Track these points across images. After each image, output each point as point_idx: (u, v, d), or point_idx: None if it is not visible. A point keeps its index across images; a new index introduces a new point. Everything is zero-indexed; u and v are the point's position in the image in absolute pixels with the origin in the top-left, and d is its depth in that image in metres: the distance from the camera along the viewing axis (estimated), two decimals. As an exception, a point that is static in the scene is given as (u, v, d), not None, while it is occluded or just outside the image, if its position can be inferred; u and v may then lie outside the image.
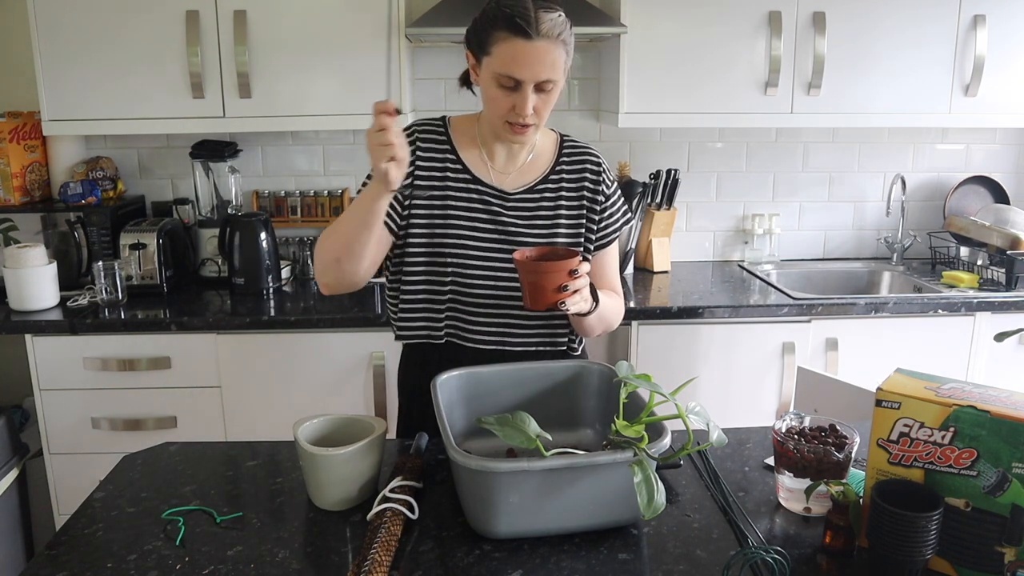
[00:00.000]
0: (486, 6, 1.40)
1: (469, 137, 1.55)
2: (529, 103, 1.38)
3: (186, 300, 2.55)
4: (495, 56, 1.37)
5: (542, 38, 1.34)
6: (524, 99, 1.38)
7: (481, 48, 1.40)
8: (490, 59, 1.39)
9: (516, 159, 1.55)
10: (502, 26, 1.35)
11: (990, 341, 2.52)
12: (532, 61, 1.35)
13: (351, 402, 2.41)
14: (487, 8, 1.40)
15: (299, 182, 2.94)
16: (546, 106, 1.42)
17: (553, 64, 1.37)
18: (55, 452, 2.42)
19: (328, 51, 2.50)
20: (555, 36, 1.36)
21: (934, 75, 2.65)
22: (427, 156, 1.52)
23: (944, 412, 1.01)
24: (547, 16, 1.35)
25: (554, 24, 1.36)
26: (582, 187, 1.56)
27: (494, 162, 1.54)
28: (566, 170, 1.56)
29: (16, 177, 2.61)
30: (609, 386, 1.34)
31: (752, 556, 1.06)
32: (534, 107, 1.39)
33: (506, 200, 1.52)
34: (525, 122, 1.41)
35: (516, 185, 1.54)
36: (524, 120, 1.40)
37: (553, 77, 1.38)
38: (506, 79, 1.37)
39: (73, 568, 1.07)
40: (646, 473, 1.04)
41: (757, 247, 3.08)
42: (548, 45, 1.35)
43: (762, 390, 2.54)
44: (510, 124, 1.42)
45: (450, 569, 1.07)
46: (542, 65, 1.35)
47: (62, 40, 2.45)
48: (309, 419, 1.27)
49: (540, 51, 1.34)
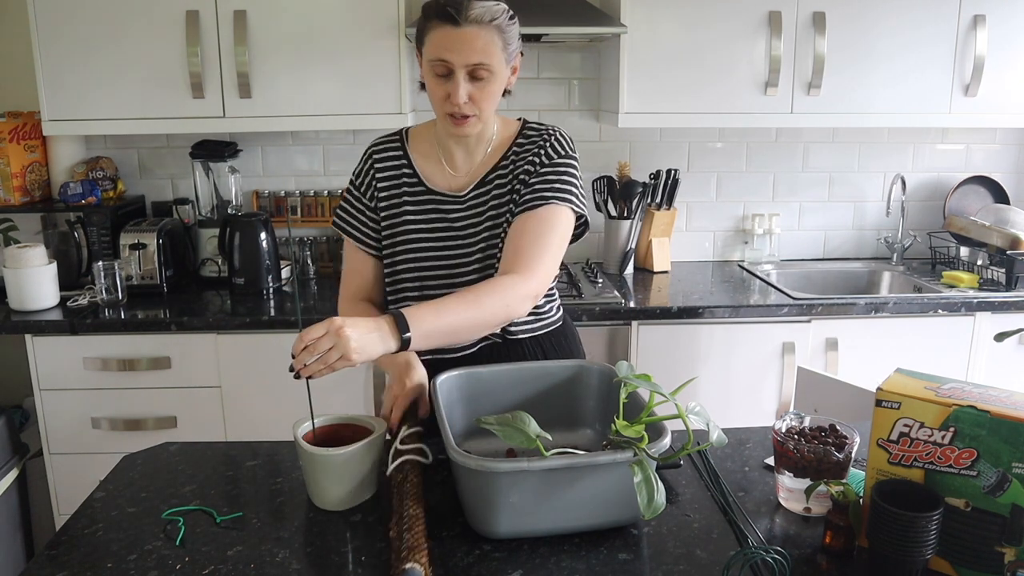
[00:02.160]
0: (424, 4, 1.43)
1: (428, 143, 1.55)
2: (461, 89, 1.38)
3: (186, 300, 2.55)
4: (428, 45, 1.40)
5: (471, 23, 1.36)
6: (456, 85, 1.38)
7: (420, 42, 1.44)
8: (425, 49, 1.41)
9: (474, 156, 1.53)
10: (433, 15, 1.39)
11: (990, 341, 2.52)
12: (460, 45, 1.36)
13: (351, 402, 2.42)
14: (425, 4, 1.42)
15: (299, 182, 2.94)
16: (484, 95, 1.41)
17: (484, 49, 1.37)
18: (55, 452, 2.42)
19: (328, 51, 2.50)
20: (486, 21, 1.37)
21: (934, 75, 2.65)
22: (384, 176, 1.55)
23: (944, 412, 1.01)
24: (479, 3, 1.37)
25: (485, 11, 1.37)
26: (529, 162, 1.50)
27: (453, 163, 1.53)
28: (518, 152, 1.51)
29: (16, 177, 2.61)
30: (609, 386, 1.34)
31: (752, 556, 1.06)
32: (470, 96, 1.40)
33: (461, 203, 1.51)
34: (462, 111, 1.41)
35: (469, 184, 1.52)
36: (460, 109, 1.40)
37: (484, 61, 1.38)
38: (438, 64, 1.39)
39: (73, 568, 1.07)
40: (646, 473, 1.04)
41: (757, 247, 3.08)
42: (478, 30, 1.36)
43: (762, 390, 2.54)
44: (451, 117, 1.42)
45: (450, 569, 1.07)
46: (472, 49, 1.36)
47: (62, 40, 2.45)
48: (309, 419, 1.27)
49: (469, 35, 1.36)
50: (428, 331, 1.26)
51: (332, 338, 1.15)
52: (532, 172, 1.48)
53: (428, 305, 1.30)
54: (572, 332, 1.69)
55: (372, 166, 1.55)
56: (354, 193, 1.58)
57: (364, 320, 1.21)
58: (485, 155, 1.53)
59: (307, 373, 1.16)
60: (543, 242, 1.42)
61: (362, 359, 1.18)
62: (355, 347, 1.16)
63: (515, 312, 1.38)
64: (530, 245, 1.41)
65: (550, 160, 1.49)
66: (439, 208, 1.52)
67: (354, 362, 1.16)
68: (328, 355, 1.15)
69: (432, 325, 1.27)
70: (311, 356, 1.15)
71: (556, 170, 1.48)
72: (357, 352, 1.16)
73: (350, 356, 1.15)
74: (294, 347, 1.17)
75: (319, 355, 1.15)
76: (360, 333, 1.17)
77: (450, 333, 1.32)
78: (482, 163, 1.52)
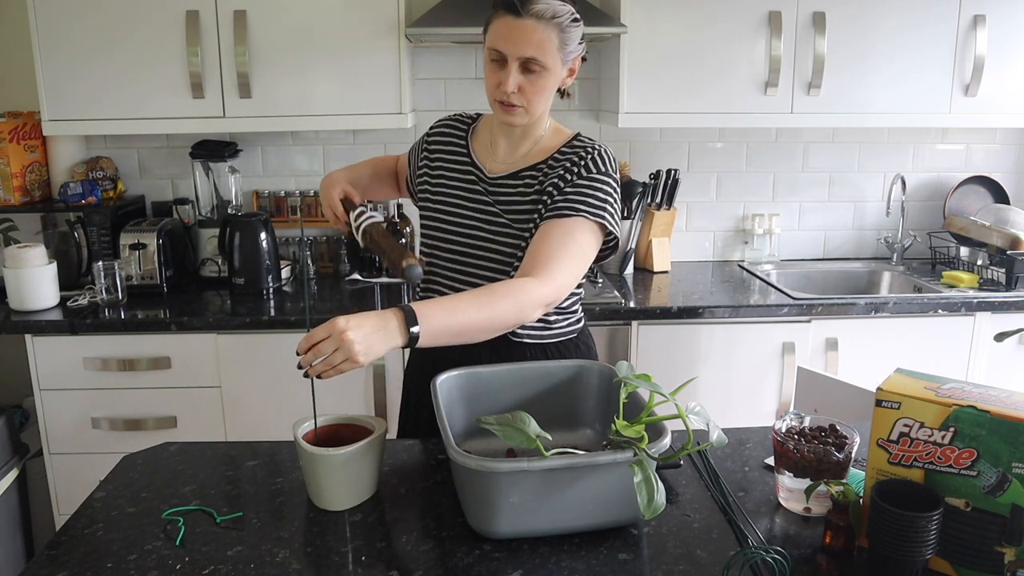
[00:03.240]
0: None
1: (486, 130, 1.61)
2: (512, 79, 1.41)
3: (186, 300, 2.55)
4: (489, 33, 1.45)
5: (531, 16, 1.39)
6: (507, 74, 1.42)
7: (485, 31, 1.47)
8: (487, 37, 1.46)
9: (517, 148, 1.55)
10: (500, 4, 1.42)
11: (990, 341, 2.52)
12: (517, 37, 1.40)
13: (351, 402, 2.42)
14: None
15: (299, 182, 2.94)
16: (534, 89, 1.43)
17: (539, 44, 1.40)
18: (55, 452, 2.42)
19: (328, 51, 2.50)
20: (546, 17, 1.39)
21: (934, 75, 2.65)
22: (441, 148, 1.64)
23: (944, 412, 1.01)
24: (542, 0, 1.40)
25: (548, 7, 1.40)
26: (564, 170, 1.48)
27: (496, 150, 1.57)
28: (558, 159, 1.51)
29: (16, 177, 2.61)
30: (609, 386, 1.34)
31: (752, 556, 1.06)
32: (520, 87, 1.43)
33: (488, 183, 1.54)
34: (510, 101, 1.44)
35: (504, 172, 1.54)
36: (508, 98, 1.43)
37: (538, 56, 1.40)
38: (495, 52, 1.43)
39: (73, 568, 1.07)
40: (646, 473, 1.04)
41: (757, 247, 3.08)
42: (536, 24, 1.39)
43: (762, 390, 2.54)
44: (500, 104, 1.46)
45: (450, 569, 1.07)
46: (527, 42, 1.39)
47: (62, 40, 2.45)
48: (309, 419, 1.27)
49: (526, 28, 1.39)
50: (437, 329, 1.23)
51: (335, 342, 1.14)
52: (568, 180, 1.47)
53: (439, 302, 1.28)
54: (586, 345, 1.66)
55: (437, 129, 1.67)
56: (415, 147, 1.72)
57: (369, 318, 1.18)
58: (528, 152, 1.54)
59: (314, 374, 1.17)
60: (564, 252, 1.40)
61: (369, 360, 1.17)
62: (360, 350, 1.15)
63: (527, 316, 1.35)
64: (551, 252, 1.39)
65: (588, 173, 1.47)
66: (471, 180, 1.57)
67: (361, 364, 1.16)
68: (332, 358, 1.15)
69: (442, 323, 1.24)
70: (315, 358, 1.16)
71: (592, 184, 1.47)
72: (363, 354, 1.15)
73: (356, 359, 1.15)
74: (299, 346, 1.17)
75: (323, 357, 1.15)
76: (364, 334, 1.16)
77: (459, 333, 1.28)
78: (522, 157, 1.55)
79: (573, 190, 1.46)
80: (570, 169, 1.48)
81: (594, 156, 1.49)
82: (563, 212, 1.44)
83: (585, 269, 1.46)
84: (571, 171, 1.48)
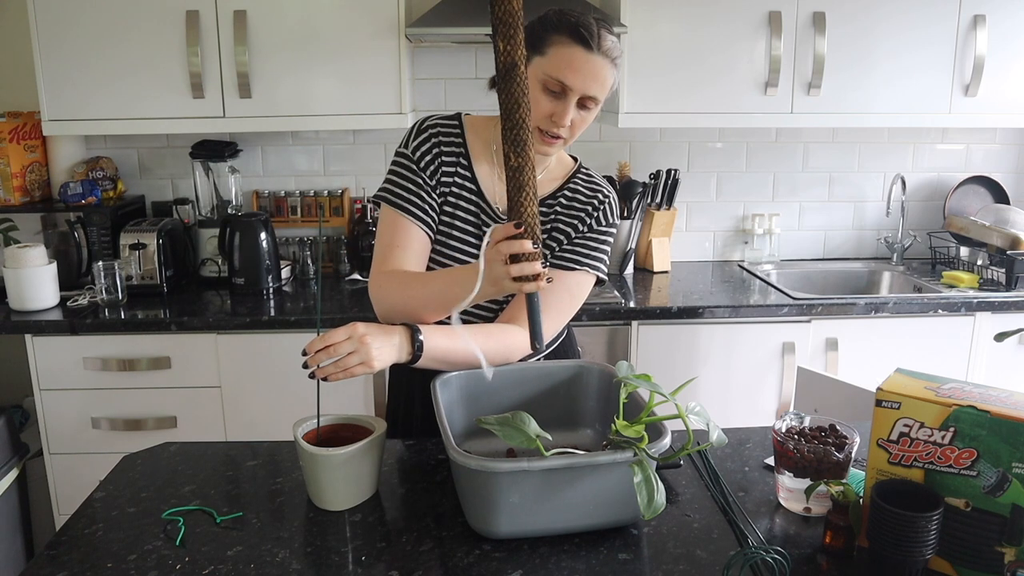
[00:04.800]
0: (547, 12, 1.38)
1: (483, 142, 1.50)
2: (569, 113, 1.35)
3: (186, 300, 2.55)
4: (549, 58, 1.34)
5: (601, 54, 1.34)
6: (566, 108, 1.35)
7: (534, 47, 1.35)
8: (543, 60, 1.34)
9: None
10: (565, 31, 1.34)
11: (990, 341, 2.52)
12: (587, 73, 1.33)
13: (351, 402, 2.42)
14: (549, 13, 1.37)
15: (299, 182, 2.94)
16: (582, 124, 1.39)
17: (603, 83, 1.36)
18: (55, 452, 2.42)
19: (328, 51, 2.50)
20: (612, 57, 1.36)
21: (934, 75, 2.65)
22: (448, 161, 1.47)
23: (944, 412, 1.01)
24: (609, 36, 1.36)
25: (614, 45, 1.36)
26: (579, 218, 1.49)
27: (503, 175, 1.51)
28: (568, 197, 1.50)
29: (16, 177, 2.61)
30: (609, 386, 1.34)
31: (752, 556, 1.06)
32: (572, 120, 1.37)
33: (497, 221, 1.47)
34: (558, 133, 1.37)
35: None
36: (558, 131, 1.37)
37: (599, 96, 1.36)
38: (554, 83, 1.34)
39: (73, 568, 1.07)
40: (646, 473, 1.04)
41: (757, 247, 3.08)
42: (604, 62, 1.34)
43: (762, 390, 2.54)
44: (541, 132, 1.37)
45: (450, 569, 1.07)
46: (595, 80, 1.34)
47: (62, 40, 2.45)
48: (309, 419, 1.27)
49: (597, 65, 1.34)
50: (436, 352, 1.32)
51: (354, 343, 1.20)
52: (579, 231, 1.48)
53: (441, 329, 1.34)
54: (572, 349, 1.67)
55: (439, 145, 1.47)
56: (411, 168, 1.46)
57: (383, 329, 1.26)
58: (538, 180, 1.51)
59: (322, 374, 1.19)
60: (558, 307, 1.46)
61: (381, 367, 1.23)
62: (376, 355, 1.21)
63: (511, 360, 1.41)
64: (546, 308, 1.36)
65: (598, 225, 1.49)
66: (480, 219, 1.48)
67: (375, 369, 1.21)
68: (347, 360, 1.19)
69: (442, 348, 1.32)
70: (328, 358, 1.19)
71: (599, 237, 1.50)
72: (378, 360, 1.22)
73: (371, 364, 1.21)
74: (310, 345, 1.19)
75: (337, 358, 1.19)
76: (380, 343, 1.23)
77: (446, 361, 1.35)
78: None
79: (582, 242, 1.49)
80: (583, 219, 1.49)
81: (607, 206, 1.51)
82: (568, 265, 1.47)
83: (573, 314, 1.51)
84: (584, 221, 1.49)
